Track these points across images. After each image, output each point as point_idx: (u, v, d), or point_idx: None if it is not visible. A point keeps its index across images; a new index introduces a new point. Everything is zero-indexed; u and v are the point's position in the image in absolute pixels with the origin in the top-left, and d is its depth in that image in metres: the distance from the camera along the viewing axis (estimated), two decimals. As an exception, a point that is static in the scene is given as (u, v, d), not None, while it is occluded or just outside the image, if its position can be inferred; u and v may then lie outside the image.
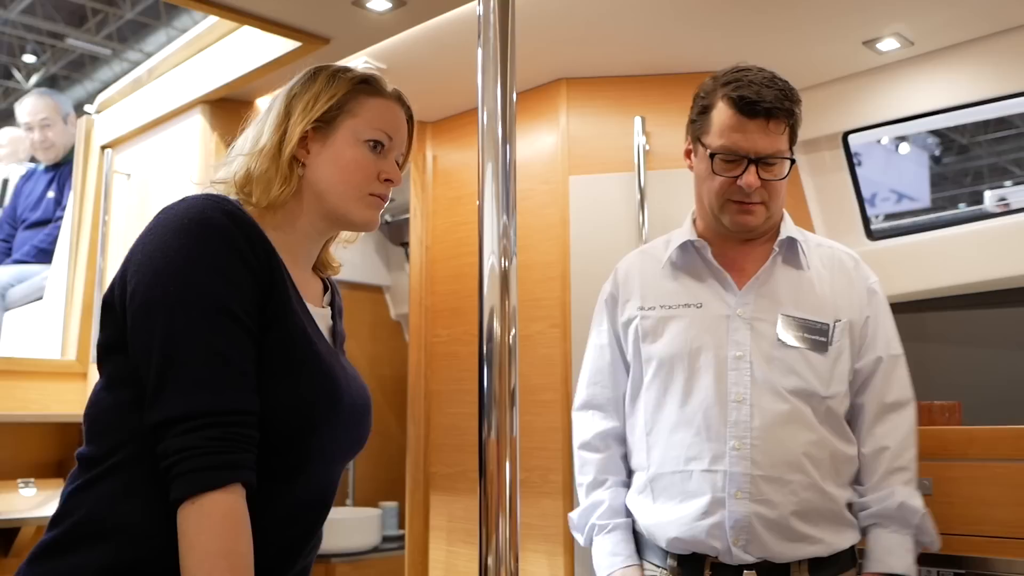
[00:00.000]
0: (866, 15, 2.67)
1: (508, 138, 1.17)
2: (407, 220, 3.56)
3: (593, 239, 2.93)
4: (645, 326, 1.77)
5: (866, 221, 3.43)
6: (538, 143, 3.09)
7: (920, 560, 2.14)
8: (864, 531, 1.73)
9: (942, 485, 2.15)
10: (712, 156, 1.68)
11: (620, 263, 1.93)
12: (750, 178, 1.64)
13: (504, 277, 1.14)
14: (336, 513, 4.08)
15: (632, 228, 2.88)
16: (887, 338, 1.78)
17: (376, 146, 1.36)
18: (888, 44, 2.87)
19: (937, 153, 13.54)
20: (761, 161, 1.65)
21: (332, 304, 1.47)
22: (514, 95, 1.19)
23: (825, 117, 3.26)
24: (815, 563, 1.63)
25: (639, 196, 2.88)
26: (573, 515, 1.87)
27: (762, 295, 1.72)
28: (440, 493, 3.28)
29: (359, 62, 2.87)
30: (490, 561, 1.07)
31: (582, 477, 1.87)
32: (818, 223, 3.47)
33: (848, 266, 1.80)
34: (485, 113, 1.17)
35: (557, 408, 2.88)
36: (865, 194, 3.56)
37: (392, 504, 4.04)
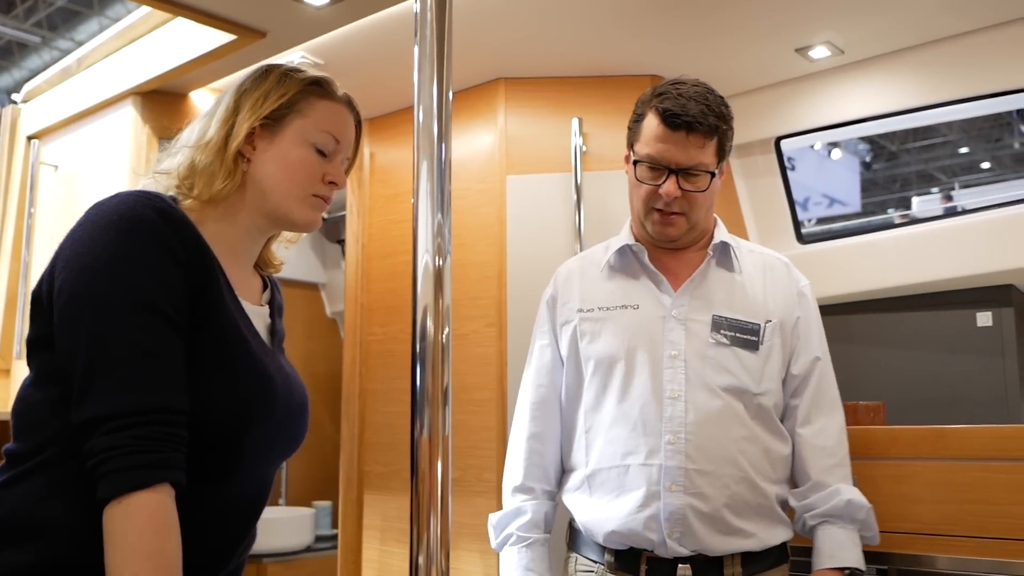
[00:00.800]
0: (798, 23, 2.73)
1: (444, 136, 1.18)
2: (343, 217, 3.53)
3: (530, 239, 2.94)
4: (583, 327, 1.81)
5: (797, 225, 3.50)
6: (476, 142, 3.09)
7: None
8: (811, 530, 1.79)
9: (867, 483, 2.20)
10: (637, 163, 1.75)
11: (561, 267, 1.97)
12: (669, 187, 1.70)
13: (438, 275, 1.14)
14: (269, 512, 4.02)
15: (568, 228, 2.90)
16: (820, 339, 1.85)
17: (323, 149, 1.37)
18: (819, 52, 2.93)
19: (868, 159, 13.87)
20: (682, 172, 1.71)
21: (271, 302, 1.45)
22: (450, 94, 1.19)
23: (758, 122, 3.32)
24: (747, 557, 1.68)
25: (576, 196, 2.90)
26: (494, 516, 1.89)
27: (696, 297, 1.77)
28: (374, 492, 3.26)
29: (296, 57, 2.84)
30: (421, 560, 1.07)
31: (511, 477, 1.89)
32: (751, 226, 3.54)
33: (779, 270, 1.87)
34: (421, 111, 1.17)
35: (492, 407, 2.88)
36: (798, 198, 3.64)
37: (326, 503, 4.00)
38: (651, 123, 1.73)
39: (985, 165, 13.55)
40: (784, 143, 3.45)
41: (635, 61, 2.95)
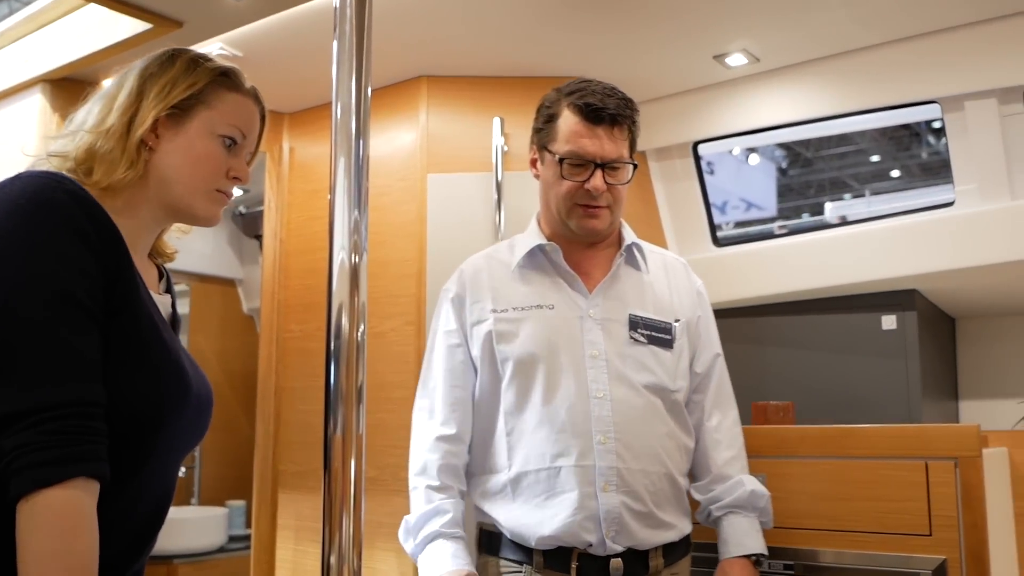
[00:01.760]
0: (715, 30, 2.78)
1: (362, 133, 1.17)
2: (261, 212, 3.48)
3: (450, 237, 2.94)
4: (500, 328, 1.79)
5: (713, 228, 3.57)
6: (397, 140, 3.08)
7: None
8: (716, 521, 1.84)
9: (775, 481, 2.25)
10: (561, 161, 1.75)
11: (465, 265, 1.93)
12: (597, 182, 1.71)
13: (354, 273, 1.13)
14: (180, 512, 3.95)
15: (489, 227, 2.91)
16: (717, 336, 1.93)
17: (229, 142, 1.33)
18: (736, 59, 2.99)
19: (784, 165, 14.18)
20: (607, 166, 1.73)
21: (169, 291, 1.41)
22: (369, 90, 1.18)
23: (676, 126, 3.38)
24: (667, 548, 1.73)
25: (496, 196, 2.90)
26: (410, 518, 1.81)
27: (610, 297, 1.79)
28: (289, 491, 3.22)
29: (214, 48, 2.79)
30: (333, 560, 1.06)
31: (426, 477, 1.81)
32: (668, 229, 3.59)
33: (679, 270, 1.93)
34: (339, 107, 1.16)
35: (410, 406, 2.85)
36: (717, 202, 3.71)
37: (239, 503, 3.94)
38: (570, 120, 1.75)
39: (895, 173, 13.99)
40: (704, 148, 3.52)
41: (557, 63, 2.97)
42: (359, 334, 1.11)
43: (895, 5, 2.68)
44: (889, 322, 3.23)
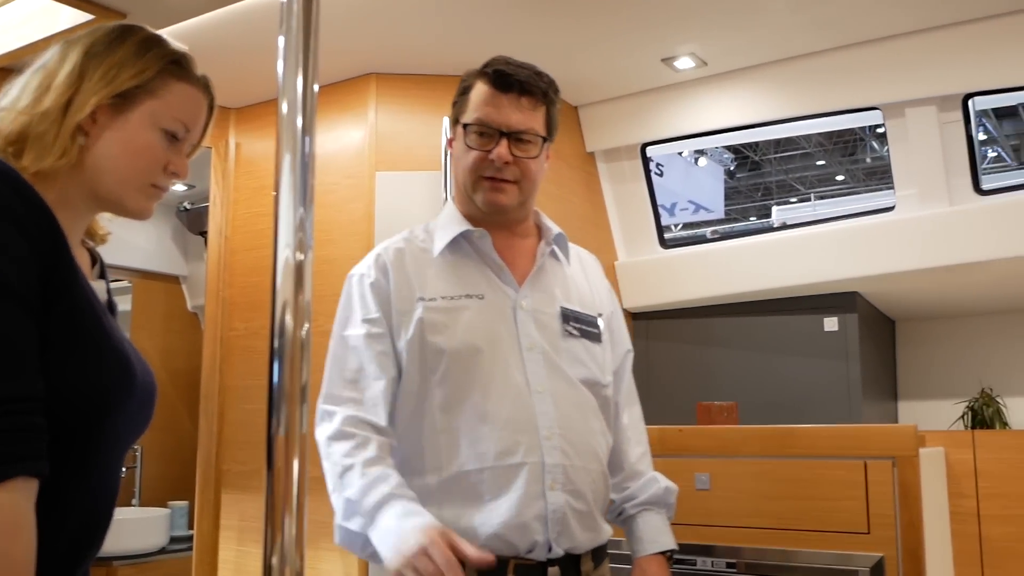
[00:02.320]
0: (664, 33, 2.81)
1: (307, 129, 1.15)
2: (207, 208, 3.43)
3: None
4: (431, 318, 1.63)
5: (660, 230, 3.61)
6: (345, 137, 3.06)
7: (696, 551, 2.27)
8: (628, 519, 1.75)
9: (720, 480, 2.28)
10: (466, 128, 1.66)
11: (381, 250, 1.74)
12: (501, 150, 1.63)
13: (299, 271, 1.11)
14: (120, 513, 3.87)
15: (437, 227, 2.90)
16: (627, 333, 1.87)
17: (172, 136, 1.25)
18: (684, 63, 3.03)
19: (732, 168, 14.35)
20: (513, 136, 1.64)
21: (103, 276, 1.35)
22: (315, 86, 1.16)
23: (625, 128, 3.40)
24: (595, 551, 1.65)
25: (445, 195, 2.89)
26: (350, 494, 1.54)
27: (540, 289, 1.70)
28: (232, 491, 3.18)
29: (158, 40, 2.74)
30: (275, 561, 1.05)
31: (358, 455, 1.56)
32: (616, 230, 3.62)
33: (593, 265, 1.88)
34: (285, 103, 1.14)
35: (356, 405, 2.85)
36: (666, 204, 3.75)
37: (182, 503, 3.88)
38: (480, 89, 1.66)
39: (840, 177, 14.23)
40: (653, 150, 3.55)
41: (507, 62, 2.98)
42: (303, 332, 1.10)
43: (840, 12, 2.73)
44: (831, 324, 3.29)
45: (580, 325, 1.70)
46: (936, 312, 3.73)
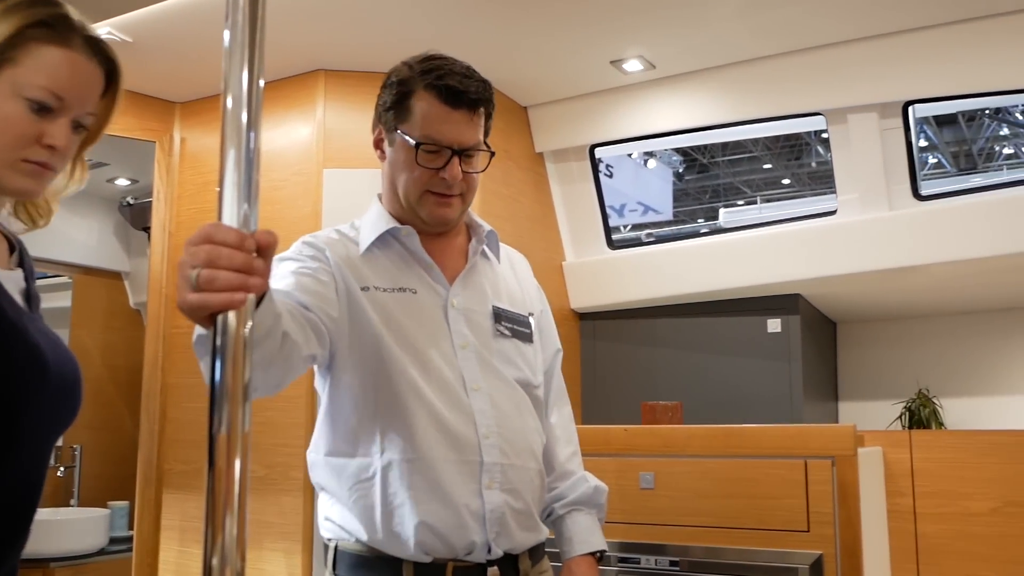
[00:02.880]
0: (612, 36, 2.83)
1: (253, 125, 1.13)
2: (150, 204, 3.37)
3: (346, 234, 2.91)
4: (366, 305, 1.58)
5: (608, 231, 3.63)
6: (293, 133, 3.03)
7: (640, 549, 2.28)
8: (558, 519, 1.72)
9: (664, 479, 2.30)
10: (418, 146, 1.57)
11: (313, 238, 1.66)
12: (455, 170, 1.57)
13: (243, 268, 1.10)
14: (58, 514, 3.80)
15: (385, 225, 2.89)
16: (556, 332, 1.83)
17: (43, 107, 1.14)
18: (633, 65, 3.05)
19: (680, 170, 14.49)
20: (463, 153, 1.59)
21: (23, 265, 1.27)
22: (261, 81, 1.15)
23: (574, 129, 3.42)
24: (532, 550, 1.63)
25: (393, 194, 2.89)
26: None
27: (471, 287, 1.67)
28: (173, 491, 3.13)
29: (102, 32, 2.69)
30: (215, 562, 1.03)
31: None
32: (564, 230, 3.63)
33: (522, 263, 1.84)
34: (230, 98, 1.12)
35: (301, 403, 2.83)
36: (616, 205, 3.77)
37: (122, 504, 3.81)
38: (427, 102, 1.57)
39: (786, 181, 14.44)
40: (603, 151, 3.57)
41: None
42: (246, 330, 1.09)
43: (786, 19, 2.78)
44: (774, 325, 3.33)
45: (511, 325, 1.68)
46: (876, 314, 3.81)
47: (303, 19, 2.66)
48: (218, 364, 1.08)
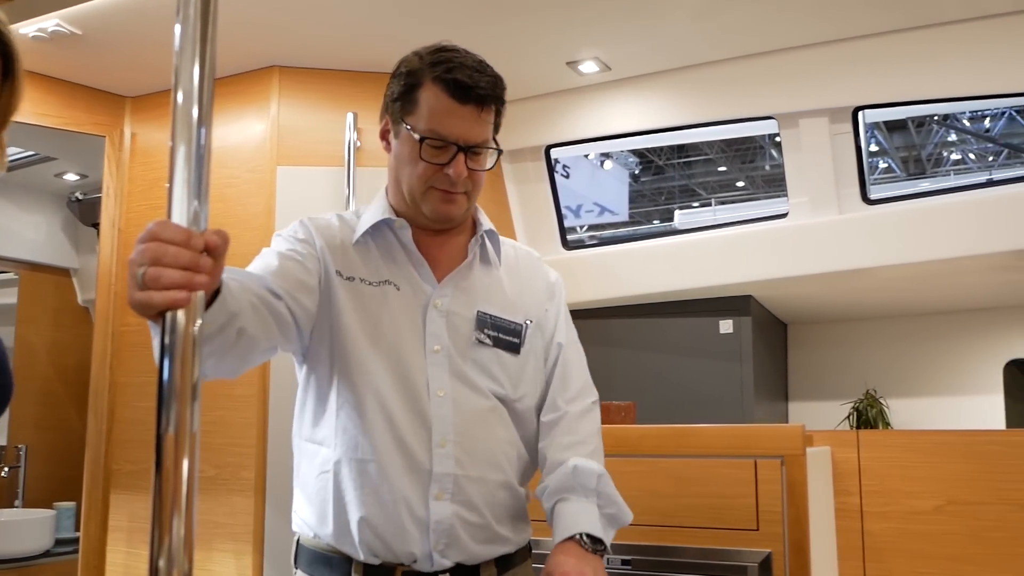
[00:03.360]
0: (568, 37, 2.84)
1: (204, 120, 1.12)
2: (100, 199, 3.31)
3: (299, 232, 2.89)
4: (345, 296, 1.56)
5: (563, 231, 3.64)
6: (247, 130, 3.00)
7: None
8: (549, 513, 1.60)
9: (617, 479, 2.29)
10: (422, 140, 1.52)
11: (311, 220, 1.64)
12: (459, 167, 1.52)
13: (192, 265, 1.09)
14: (2, 515, 3.72)
15: (340, 223, 2.87)
16: (564, 327, 1.72)
17: None
18: (589, 67, 3.06)
19: (636, 171, 14.58)
20: (470, 150, 1.53)
21: None
22: (212, 76, 1.14)
23: (530, 130, 3.43)
24: (501, 560, 1.57)
25: (348, 192, 2.87)
26: None
27: (460, 289, 1.60)
28: (122, 492, 3.09)
29: (50, 24, 2.65)
30: (161, 563, 1.02)
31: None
32: (519, 230, 3.64)
33: (532, 264, 1.75)
34: (180, 93, 1.11)
35: (253, 403, 2.81)
36: (572, 205, 3.79)
37: (68, 504, 3.74)
38: (435, 95, 1.52)
39: (740, 184, 14.60)
40: (560, 152, 3.58)
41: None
42: (195, 328, 1.08)
43: (739, 23, 2.81)
44: (726, 326, 3.37)
45: (496, 333, 1.59)
46: (826, 316, 3.86)
47: (257, 14, 2.63)
48: (166, 362, 1.07)
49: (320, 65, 3.00)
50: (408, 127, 1.54)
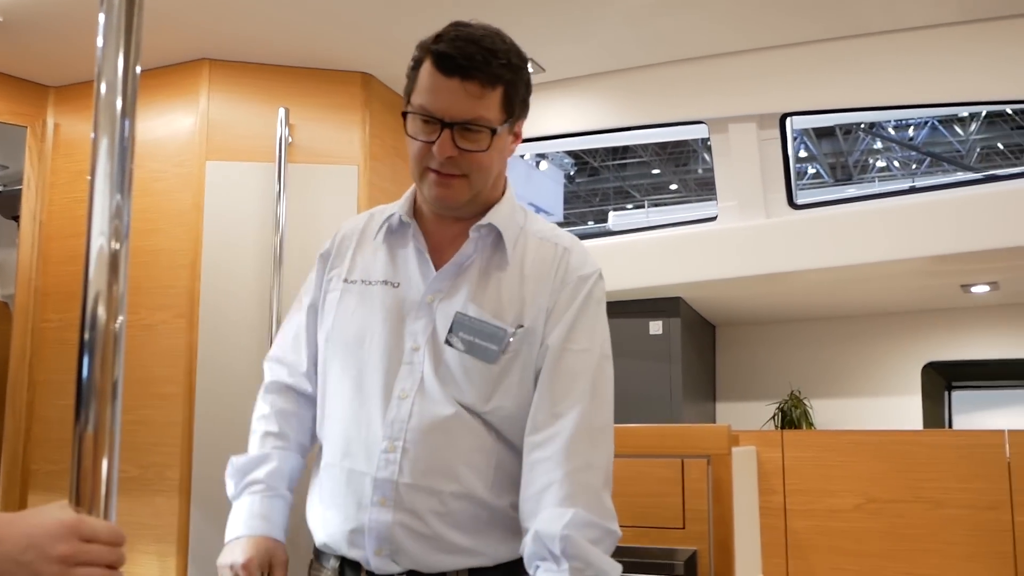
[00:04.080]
0: (504, 37, 2.84)
1: (127, 112, 1.10)
2: (20, 191, 3.22)
3: (228, 228, 2.84)
4: (334, 299, 1.57)
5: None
6: (175, 123, 2.94)
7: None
8: None
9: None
10: (405, 115, 1.48)
11: (346, 223, 1.67)
12: (442, 144, 1.43)
13: (113, 260, 1.07)
14: (-89, 517, 3.59)
15: (269, 220, 2.83)
16: (568, 328, 1.49)
17: None
18: (523, 67, 3.07)
19: (572, 172, 14.67)
20: (459, 126, 1.43)
21: None
22: (138, 68, 1.11)
23: (464, 129, 3.42)
24: (475, 572, 1.47)
25: (278, 188, 2.83)
26: (237, 459, 1.59)
27: (453, 286, 1.51)
28: (40, 492, 3.00)
29: (-31, 10, 2.56)
30: (79, 564, 1.00)
31: (262, 423, 1.62)
32: (454, 229, 3.64)
33: (550, 258, 1.54)
34: (104, 84, 1.09)
35: (179, 401, 2.75)
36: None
37: (-17, 505, 3.63)
38: (426, 69, 1.45)
39: (674, 186, 14.79)
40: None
41: (348, 57, 2.94)
42: (116, 325, 1.05)
43: (671, 29, 2.84)
44: (656, 327, 3.41)
45: (471, 338, 1.47)
46: (753, 318, 3.94)
47: (187, 5, 2.58)
48: (86, 360, 1.04)
49: (252, 59, 2.96)
50: (409, 106, 1.49)
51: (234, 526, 1.53)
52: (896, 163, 13.46)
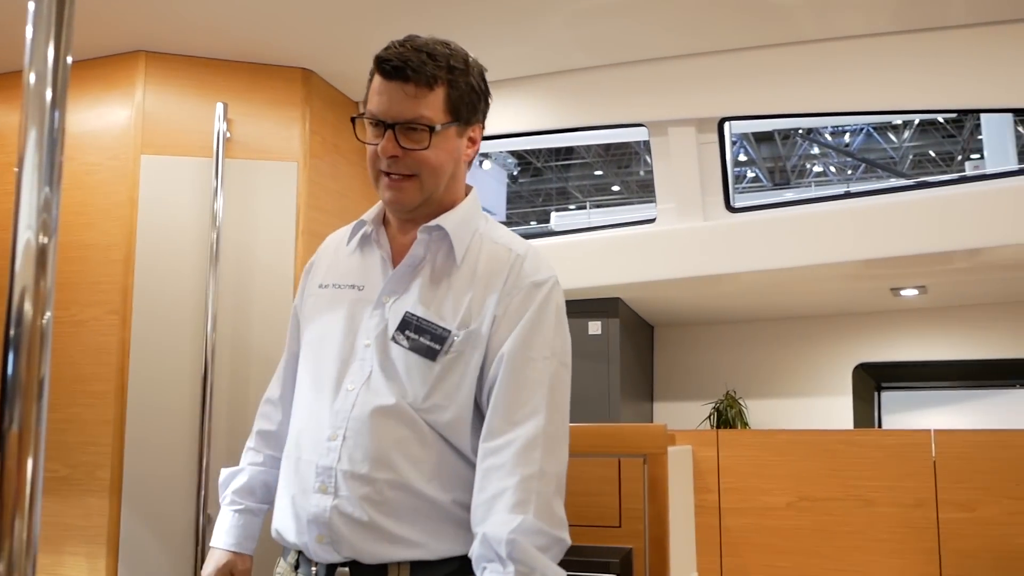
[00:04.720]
0: (443, 38, 2.83)
1: (58, 103, 1.07)
2: (-55, 183, 3.13)
3: (163, 223, 2.79)
4: (310, 304, 1.67)
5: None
6: (109, 116, 2.88)
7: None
8: None
9: (484, 478, 2.33)
10: (354, 120, 1.57)
11: (333, 233, 1.79)
12: (385, 144, 1.50)
13: (41, 255, 1.04)
14: None
15: (206, 215, 2.79)
16: (523, 337, 1.50)
17: None
18: (465, 67, 3.07)
19: (515, 172, 14.71)
20: (400, 126, 1.50)
21: None
22: (69, 58, 1.09)
23: (406, 127, 3.41)
24: (418, 566, 1.48)
25: (216, 183, 2.79)
26: (222, 473, 1.79)
27: (403, 285, 1.57)
28: (-36, 493, 2.92)
29: None
30: (1, 567, 0.98)
31: (247, 442, 1.82)
32: (394, 228, 3.62)
33: (503, 265, 1.57)
34: (33, 74, 1.06)
35: (110, 400, 2.70)
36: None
37: (-97, 507, 3.51)
38: (375, 76, 1.53)
39: (616, 188, 14.93)
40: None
41: (288, 52, 2.91)
42: (43, 321, 1.03)
43: (611, 31, 2.87)
44: (595, 327, 3.44)
45: (417, 337, 1.52)
46: (690, 319, 3.99)
47: (123, -4, 2.53)
48: (11, 355, 1.02)
49: (190, 52, 2.91)
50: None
51: (214, 537, 1.73)
52: (832, 168, 13.75)
